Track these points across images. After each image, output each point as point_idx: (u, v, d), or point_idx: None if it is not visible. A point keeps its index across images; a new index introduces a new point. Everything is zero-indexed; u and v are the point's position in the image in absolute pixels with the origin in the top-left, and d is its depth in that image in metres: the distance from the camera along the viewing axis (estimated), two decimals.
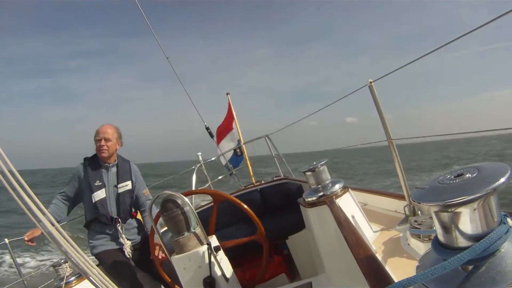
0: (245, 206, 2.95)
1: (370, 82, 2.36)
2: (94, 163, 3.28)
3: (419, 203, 0.84)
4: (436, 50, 2.01)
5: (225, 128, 7.58)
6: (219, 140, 7.56)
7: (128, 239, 3.25)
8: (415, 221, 2.05)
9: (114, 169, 3.33)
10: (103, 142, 3.19)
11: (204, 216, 2.83)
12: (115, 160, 3.35)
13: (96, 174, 3.23)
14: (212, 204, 3.00)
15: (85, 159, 3.32)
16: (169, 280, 3.01)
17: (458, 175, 0.84)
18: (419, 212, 2.30)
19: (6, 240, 3.68)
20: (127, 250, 3.19)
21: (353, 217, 2.23)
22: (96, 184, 3.19)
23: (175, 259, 2.57)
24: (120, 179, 3.31)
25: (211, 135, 7.37)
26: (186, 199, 2.60)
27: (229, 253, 2.83)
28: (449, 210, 0.78)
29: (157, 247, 3.04)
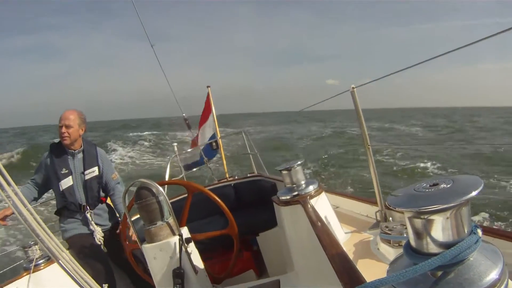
0: (219, 200, 2.95)
1: (353, 88, 2.40)
2: (60, 150, 3.22)
3: (395, 208, 0.86)
4: (425, 61, 2.06)
5: (203, 122, 7.55)
6: (197, 135, 7.54)
7: (98, 225, 3.21)
8: (386, 226, 2.11)
9: (80, 155, 3.28)
10: (64, 129, 3.12)
11: (176, 207, 2.82)
12: (81, 146, 3.29)
13: (62, 162, 3.18)
14: (186, 195, 2.99)
15: (51, 145, 3.27)
16: (138, 267, 2.99)
17: (434, 185, 0.88)
18: (390, 218, 2.36)
19: None
20: (98, 237, 3.15)
21: (325, 218, 2.27)
22: (62, 172, 3.15)
23: (146, 248, 2.55)
24: (86, 165, 3.26)
25: (189, 127, 7.32)
26: (161, 188, 2.59)
27: (199, 246, 2.83)
28: (423, 217, 0.82)
29: (129, 233, 3.01)
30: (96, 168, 3.31)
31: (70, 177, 3.16)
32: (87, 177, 3.24)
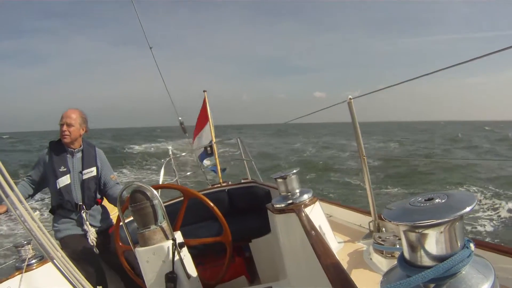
0: (215, 208, 2.95)
1: (350, 99, 2.42)
2: (59, 148, 3.22)
3: (390, 221, 0.88)
4: (419, 77, 2.09)
5: (200, 127, 7.55)
6: (194, 136, 7.53)
7: (92, 226, 3.20)
8: (379, 237, 2.12)
9: (79, 155, 3.27)
10: (65, 128, 3.13)
11: (170, 211, 2.82)
12: (80, 146, 3.29)
13: (60, 160, 3.18)
14: (180, 199, 2.98)
15: (51, 143, 3.26)
16: (131, 270, 2.98)
17: (429, 199, 0.90)
18: (383, 229, 2.38)
19: None
20: (91, 237, 3.14)
21: (319, 227, 2.29)
22: (60, 170, 3.14)
23: (139, 251, 2.55)
24: (85, 165, 3.26)
25: (184, 131, 7.31)
26: (156, 192, 2.59)
27: (192, 251, 2.83)
28: (417, 230, 0.84)
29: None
30: (94, 169, 3.30)
31: (68, 175, 3.15)
32: (85, 176, 3.23)
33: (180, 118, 7.07)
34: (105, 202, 3.47)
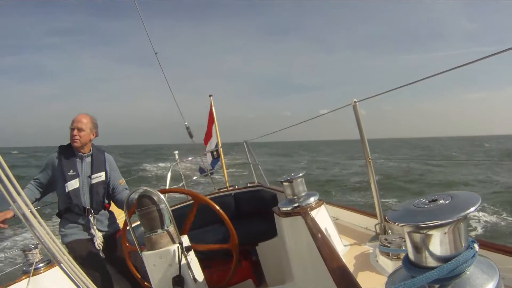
0: (224, 215, 2.94)
1: (355, 102, 2.42)
2: (69, 152, 3.23)
3: (395, 223, 0.88)
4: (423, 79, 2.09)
5: (209, 133, 7.59)
6: (206, 142, 7.58)
7: (99, 230, 3.21)
8: (386, 239, 2.12)
9: (88, 159, 3.28)
10: (75, 132, 3.15)
11: (176, 215, 2.83)
12: (90, 150, 3.30)
13: (70, 164, 3.19)
14: (187, 204, 2.98)
15: (60, 147, 3.27)
16: (138, 274, 2.99)
17: (433, 200, 0.90)
18: (390, 231, 2.37)
19: None
20: (98, 242, 3.15)
21: (325, 230, 2.28)
22: (69, 173, 3.15)
23: (146, 255, 2.56)
24: (94, 169, 3.27)
25: (191, 136, 7.34)
26: (162, 196, 2.60)
27: (198, 254, 2.83)
28: (422, 231, 0.84)
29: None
30: (103, 173, 3.31)
31: (77, 179, 3.16)
32: (93, 181, 3.24)
33: (186, 123, 7.10)
34: (112, 207, 3.48)
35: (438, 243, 0.83)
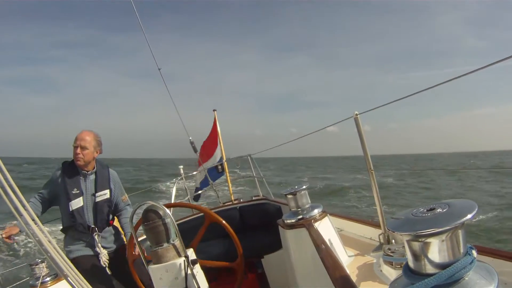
0: (235, 237, 2.94)
1: (356, 115, 2.44)
2: (72, 169, 3.21)
3: (394, 232, 0.90)
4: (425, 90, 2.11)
5: (211, 147, 7.58)
6: (205, 158, 7.53)
7: (104, 248, 3.21)
8: (389, 249, 2.13)
9: (92, 177, 3.26)
10: (78, 150, 3.12)
11: (182, 229, 2.84)
12: (94, 168, 3.28)
13: (73, 182, 3.17)
14: (192, 217, 2.99)
15: (64, 163, 3.25)
16: (143, 286, 2.99)
17: (430, 209, 0.92)
18: (393, 240, 2.38)
19: None
20: (103, 259, 3.14)
21: (329, 241, 2.29)
22: (73, 192, 3.13)
23: (152, 268, 2.57)
24: (98, 187, 3.25)
25: (195, 150, 7.35)
26: (168, 210, 2.61)
27: (204, 268, 2.84)
28: (420, 240, 0.86)
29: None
30: (107, 191, 3.29)
31: (81, 198, 3.14)
32: (97, 199, 3.22)
33: (190, 138, 7.12)
34: (116, 222, 3.49)
35: (436, 251, 0.85)
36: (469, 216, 0.83)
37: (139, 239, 2.91)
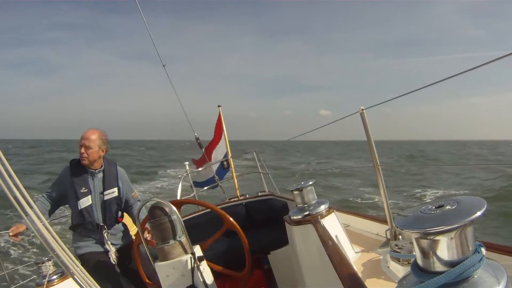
0: (247, 245, 2.95)
1: (362, 110, 2.43)
2: (80, 168, 3.21)
3: (402, 229, 0.89)
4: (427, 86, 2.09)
5: (216, 141, 7.57)
6: (209, 154, 7.51)
7: (113, 245, 3.23)
8: (396, 245, 2.12)
9: (100, 175, 3.27)
10: (83, 150, 3.12)
11: (188, 225, 2.85)
12: (101, 166, 3.29)
13: (81, 180, 3.18)
14: (199, 213, 2.98)
15: (71, 161, 3.27)
16: (149, 281, 3.00)
17: (439, 206, 0.91)
18: (400, 236, 2.36)
19: None
20: (113, 257, 3.16)
21: (336, 237, 2.28)
22: (81, 191, 3.14)
23: (159, 266, 2.57)
24: (106, 185, 3.27)
25: (201, 146, 7.35)
26: (174, 207, 2.61)
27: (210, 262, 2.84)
28: (429, 237, 0.85)
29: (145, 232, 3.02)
30: (115, 189, 3.30)
31: (89, 196, 3.16)
32: (106, 197, 3.24)
33: (195, 134, 7.12)
34: (125, 219, 3.50)
35: (445, 248, 0.84)
36: (478, 213, 0.81)
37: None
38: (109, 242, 3.19)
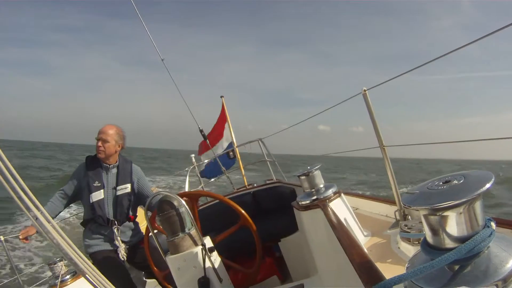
0: (258, 244, 2.97)
1: (364, 90, 2.41)
2: (95, 162, 3.27)
3: (409, 207, 0.88)
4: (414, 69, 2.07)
5: (219, 132, 7.60)
6: (212, 143, 7.55)
7: (123, 241, 3.25)
8: (405, 225, 2.11)
9: (114, 171, 3.32)
10: (100, 143, 3.18)
11: (200, 216, 2.86)
12: (116, 161, 3.34)
13: (95, 174, 3.23)
14: (208, 205, 2.98)
15: (87, 158, 3.32)
16: (162, 277, 3.03)
17: (446, 182, 0.90)
18: (409, 217, 2.36)
19: (1, 238, 3.67)
20: (122, 253, 3.18)
21: (345, 220, 2.28)
22: (95, 184, 3.19)
23: (170, 259, 2.59)
24: (120, 181, 3.30)
25: (205, 137, 7.37)
26: (182, 200, 2.62)
27: (222, 255, 2.86)
28: (437, 213, 0.83)
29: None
30: (129, 185, 3.34)
31: (102, 190, 3.21)
32: (118, 192, 3.27)
33: (199, 126, 7.13)
34: (138, 218, 3.52)
35: (454, 224, 0.83)
36: (487, 185, 0.80)
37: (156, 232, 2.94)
38: (118, 238, 3.21)
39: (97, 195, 3.18)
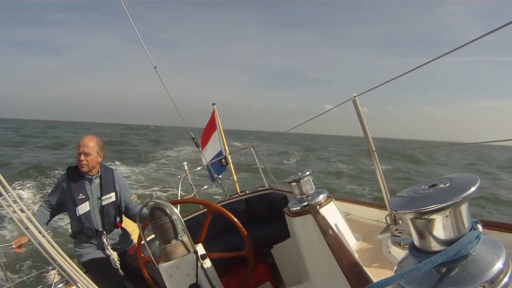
0: (238, 223, 2.96)
1: (354, 97, 2.43)
2: (77, 174, 3.25)
3: (396, 210, 0.90)
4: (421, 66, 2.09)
5: (206, 137, 7.63)
6: (202, 147, 7.59)
7: (114, 249, 3.24)
8: (396, 229, 2.13)
9: (97, 181, 3.31)
10: (82, 157, 3.16)
11: (191, 224, 2.86)
12: (98, 172, 3.33)
13: (79, 187, 3.21)
14: (201, 213, 3.00)
15: (68, 169, 3.30)
16: (153, 283, 3.02)
17: (432, 185, 0.91)
18: (400, 221, 2.38)
19: None
20: (114, 261, 3.17)
21: (336, 225, 2.29)
22: (79, 197, 3.17)
23: (163, 266, 2.58)
24: (104, 191, 3.30)
25: (197, 145, 7.36)
26: (174, 207, 2.62)
27: (214, 262, 2.85)
28: (423, 217, 0.85)
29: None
30: (113, 194, 3.33)
31: (87, 202, 3.19)
32: (104, 202, 3.26)
33: (192, 134, 7.12)
34: (124, 223, 3.51)
35: (440, 227, 0.84)
36: (472, 189, 0.82)
37: (148, 239, 2.93)
38: (109, 247, 3.21)
39: (83, 208, 3.17)
